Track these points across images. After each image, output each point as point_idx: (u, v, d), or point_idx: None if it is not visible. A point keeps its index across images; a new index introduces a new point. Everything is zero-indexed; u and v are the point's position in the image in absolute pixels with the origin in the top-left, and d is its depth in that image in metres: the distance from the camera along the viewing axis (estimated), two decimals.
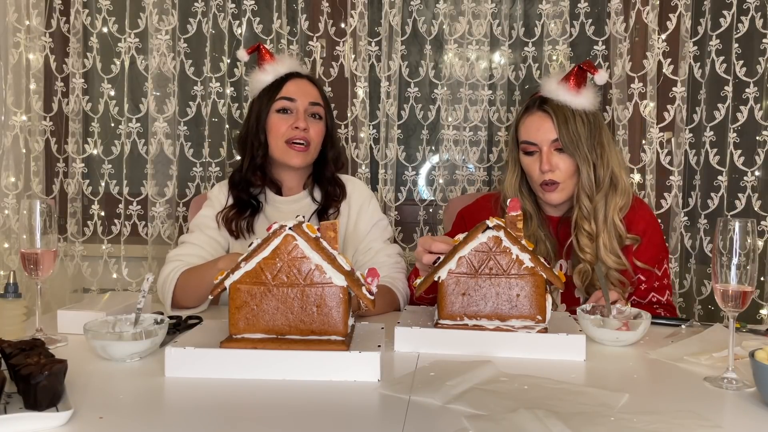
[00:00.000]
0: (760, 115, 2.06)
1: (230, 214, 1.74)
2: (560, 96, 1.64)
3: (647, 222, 1.72)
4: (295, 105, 1.70)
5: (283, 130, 1.70)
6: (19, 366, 0.96)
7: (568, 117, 1.62)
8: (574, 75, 1.66)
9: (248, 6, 2.29)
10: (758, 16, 2.04)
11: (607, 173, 1.65)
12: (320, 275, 1.14)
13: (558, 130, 1.61)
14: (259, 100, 1.75)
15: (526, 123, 1.67)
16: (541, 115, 1.64)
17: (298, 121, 1.68)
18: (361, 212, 1.81)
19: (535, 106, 1.66)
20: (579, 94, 1.65)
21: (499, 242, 1.27)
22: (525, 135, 1.67)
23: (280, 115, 1.70)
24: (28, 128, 2.31)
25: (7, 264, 2.29)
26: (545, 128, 1.63)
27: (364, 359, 1.11)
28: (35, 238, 1.33)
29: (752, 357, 1.05)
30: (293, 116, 1.70)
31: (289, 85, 1.72)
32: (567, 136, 1.61)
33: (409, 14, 2.29)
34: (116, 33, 2.33)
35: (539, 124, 1.64)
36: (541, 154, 1.63)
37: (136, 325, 1.26)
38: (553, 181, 1.64)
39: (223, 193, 1.81)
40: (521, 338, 1.25)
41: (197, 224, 1.78)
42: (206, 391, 1.06)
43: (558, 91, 1.65)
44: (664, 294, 1.71)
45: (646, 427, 0.93)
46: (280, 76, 1.74)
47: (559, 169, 1.64)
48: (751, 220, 1.12)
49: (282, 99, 1.70)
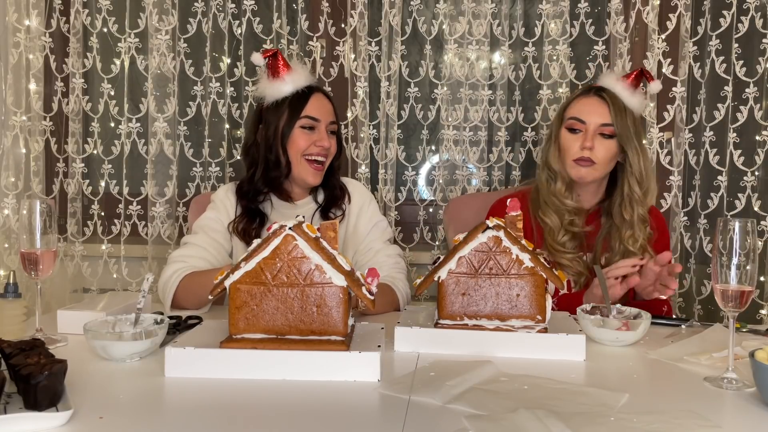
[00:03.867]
0: (760, 115, 2.06)
1: (241, 224, 1.73)
2: (617, 90, 1.75)
3: (659, 220, 1.85)
4: (318, 124, 1.71)
5: (304, 145, 1.70)
6: (19, 366, 0.96)
7: (623, 109, 1.73)
8: (635, 75, 1.77)
9: (248, 6, 2.29)
10: (758, 16, 2.05)
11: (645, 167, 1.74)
12: (320, 275, 1.14)
13: (613, 117, 1.71)
14: (276, 111, 1.71)
15: (581, 102, 1.77)
16: (598, 99, 1.74)
17: (322, 141, 1.70)
18: (360, 213, 1.81)
19: (592, 92, 1.76)
20: (634, 94, 1.76)
21: (499, 242, 1.27)
22: (576, 112, 1.75)
23: (304, 131, 1.70)
24: (28, 128, 2.31)
25: (7, 264, 2.28)
26: (599, 112, 1.73)
27: (364, 359, 1.11)
28: (35, 238, 1.33)
29: (752, 357, 1.05)
30: (316, 134, 1.70)
31: (313, 102, 1.71)
32: (620, 125, 1.71)
33: (409, 14, 2.29)
34: (116, 33, 2.33)
35: (594, 107, 1.74)
36: (586, 134, 1.72)
37: (136, 325, 1.26)
38: (590, 159, 1.72)
39: (229, 199, 1.79)
40: (521, 338, 1.25)
41: (201, 226, 1.76)
42: (206, 391, 1.06)
43: (616, 85, 1.76)
44: None
45: (646, 427, 0.93)
46: (300, 90, 1.71)
47: (597, 150, 1.72)
48: (751, 220, 1.13)
49: (307, 117, 1.70)
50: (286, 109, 1.70)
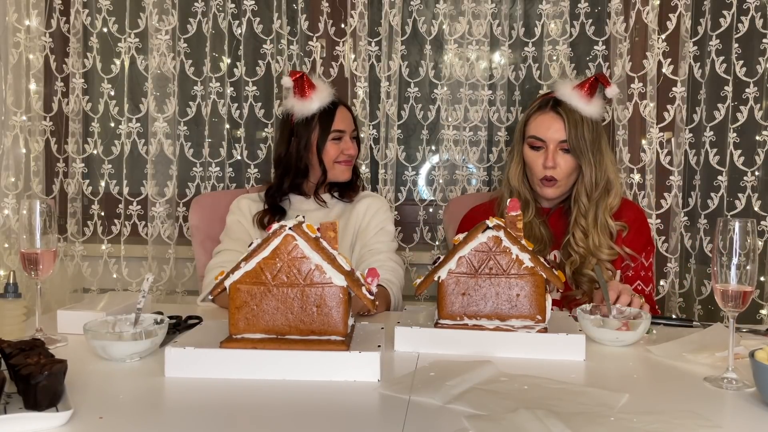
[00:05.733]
0: (760, 115, 2.06)
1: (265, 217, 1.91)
2: (573, 101, 1.74)
3: (636, 214, 1.83)
4: (344, 134, 1.91)
5: (336, 154, 1.90)
6: (19, 366, 0.96)
7: (578, 122, 1.72)
8: (589, 84, 1.76)
9: (248, 6, 2.29)
10: (758, 16, 2.04)
11: (604, 177, 1.75)
12: (320, 275, 1.14)
13: (567, 133, 1.71)
14: (307, 126, 1.89)
15: (538, 120, 1.76)
16: (554, 115, 1.74)
17: (349, 149, 1.91)
18: (377, 214, 1.91)
19: (549, 107, 1.75)
20: (590, 103, 1.75)
21: (499, 242, 1.27)
22: (535, 131, 1.76)
23: (334, 142, 1.90)
24: (28, 128, 2.31)
25: (7, 264, 2.28)
26: (555, 128, 1.73)
27: (364, 359, 1.11)
28: (35, 238, 1.33)
29: (752, 357, 1.05)
30: (343, 143, 1.91)
31: (339, 116, 1.90)
32: (575, 140, 1.71)
33: (409, 14, 2.29)
34: (116, 33, 2.33)
35: (550, 124, 1.74)
36: (547, 151, 1.73)
37: (136, 325, 1.26)
38: (553, 178, 1.74)
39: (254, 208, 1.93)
40: (521, 338, 1.25)
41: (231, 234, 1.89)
42: (206, 391, 1.06)
43: (572, 96, 1.75)
44: (648, 285, 1.78)
45: (646, 427, 0.93)
46: (326, 106, 1.89)
47: (560, 167, 1.73)
48: (751, 220, 1.13)
49: (336, 131, 1.89)
50: (317, 125, 1.88)
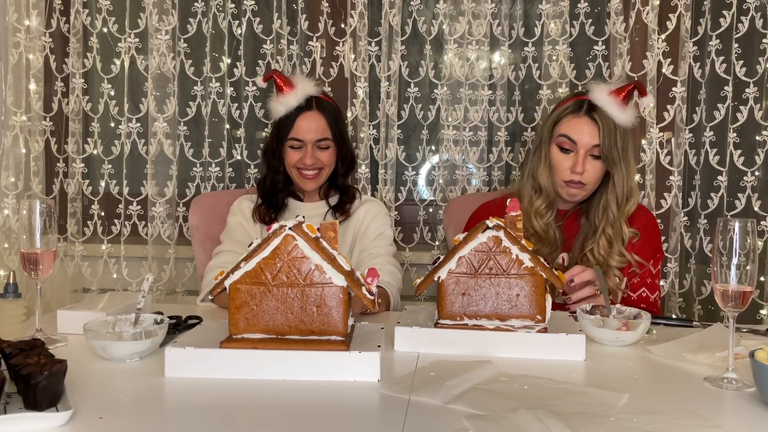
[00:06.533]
0: (760, 115, 2.06)
1: (261, 209, 1.89)
2: (608, 108, 1.71)
3: (648, 221, 1.81)
4: (303, 143, 1.82)
5: (294, 161, 1.83)
6: (19, 366, 0.96)
7: (611, 130, 1.70)
8: (627, 92, 1.73)
9: (248, 6, 2.29)
10: (758, 16, 2.04)
11: (628, 185, 1.73)
12: (320, 275, 1.14)
13: (601, 140, 1.69)
14: (277, 127, 1.86)
15: (572, 122, 1.73)
16: (588, 120, 1.71)
17: (305, 158, 1.81)
18: (375, 219, 1.89)
19: (583, 111, 1.72)
20: (624, 111, 1.72)
21: (499, 242, 1.27)
22: (567, 130, 1.72)
23: (292, 149, 1.83)
24: (28, 128, 2.31)
25: (7, 264, 2.28)
26: (590, 133, 1.70)
27: (364, 359, 1.11)
28: (35, 238, 1.33)
29: (752, 357, 1.05)
30: (302, 152, 1.82)
31: (299, 123, 1.81)
32: (608, 148, 1.69)
33: (409, 14, 2.29)
34: (116, 33, 2.33)
35: (586, 128, 1.71)
36: (577, 156, 1.70)
37: (136, 325, 1.26)
38: (582, 182, 1.71)
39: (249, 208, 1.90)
40: (521, 338, 1.25)
41: (231, 235, 1.87)
42: (206, 391, 1.06)
43: (607, 102, 1.72)
44: (654, 292, 1.77)
45: (646, 427, 0.93)
46: (290, 111, 1.82)
47: (588, 173, 1.71)
48: (751, 220, 1.13)
49: (292, 139, 1.82)
50: (280, 127, 1.84)
